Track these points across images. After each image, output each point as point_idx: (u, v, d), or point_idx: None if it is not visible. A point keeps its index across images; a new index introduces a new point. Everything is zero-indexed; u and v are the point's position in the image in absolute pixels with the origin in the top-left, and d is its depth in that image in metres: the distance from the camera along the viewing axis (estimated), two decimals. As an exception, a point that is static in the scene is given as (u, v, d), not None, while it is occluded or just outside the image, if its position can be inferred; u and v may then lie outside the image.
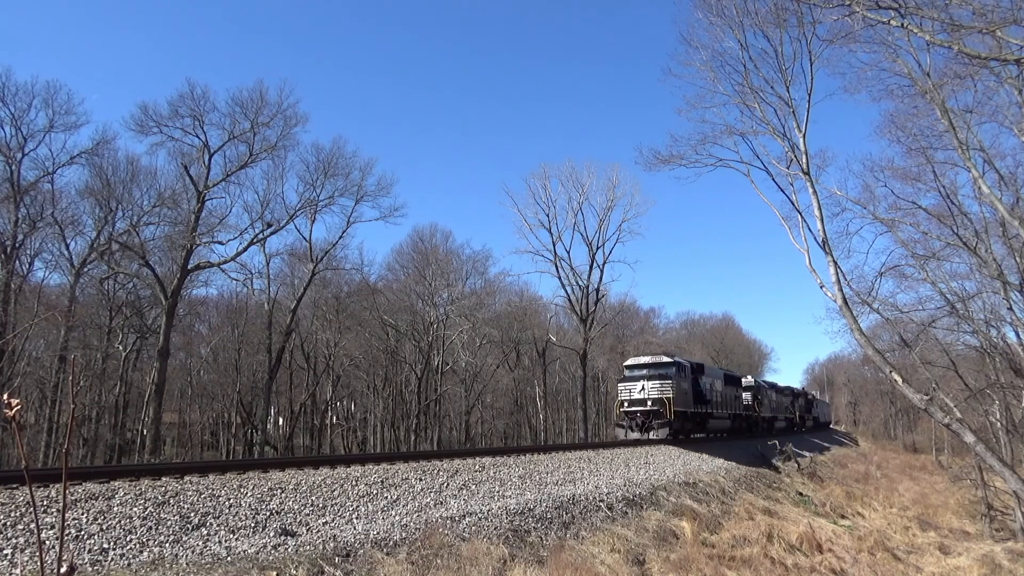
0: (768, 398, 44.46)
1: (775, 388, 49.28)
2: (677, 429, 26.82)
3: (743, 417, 37.57)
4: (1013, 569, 19.65)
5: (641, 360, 28.81)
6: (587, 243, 44.63)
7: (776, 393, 48.52)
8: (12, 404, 2.15)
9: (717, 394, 32.19)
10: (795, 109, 17.91)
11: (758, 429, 40.08)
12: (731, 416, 34.45)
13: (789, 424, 51.88)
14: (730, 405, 34.52)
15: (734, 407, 35.40)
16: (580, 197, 44.57)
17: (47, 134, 31.68)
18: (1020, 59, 11.27)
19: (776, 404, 47.31)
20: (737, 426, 36.00)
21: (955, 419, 17.19)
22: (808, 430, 58.33)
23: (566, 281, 44.24)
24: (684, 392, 27.63)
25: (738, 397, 36.87)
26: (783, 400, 50.77)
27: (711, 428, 31.45)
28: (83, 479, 9.60)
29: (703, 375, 30.80)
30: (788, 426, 51.01)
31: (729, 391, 34.62)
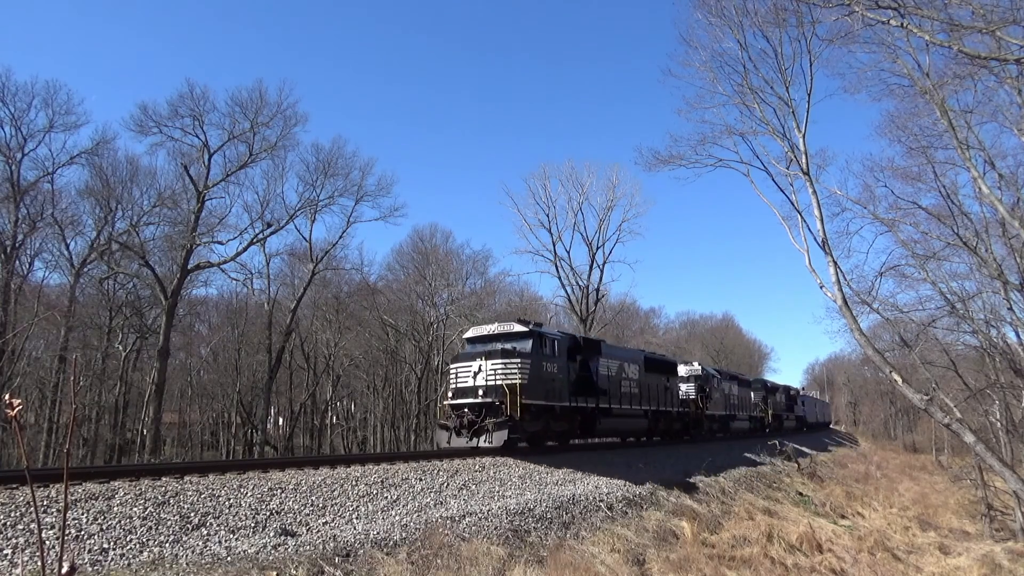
0: (722, 392, 36.34)
1: (737, 380, 41.01)
2: (534, 432, 18.86)
3: (676, 415, 29.06)
4: (1013, 569, 19.65)
5: (483, 331, 19.86)
6: (587, 243, 44.69)
7: (738, 386, 40.42)
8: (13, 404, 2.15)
9: (625, 383, 23.79)
10: (795, 109, 17.93)
11: (702, 430, 32.31)
12: (653, 413, 26.10)
13: (757, 424, 43.94)
14: (653, 398, 26.09)
15: (662, 401, 26.99)
16: (580, 197, 44.61)
17: (47, 134, 31.77)
18: (1020, 59, 11.27)
19: (738, 400, 39.55)
20: (665, 427, 27.94)
21: (955, 419, 17.19)
22: (788, 432, 48.87)
23: (566, 281, 44.29)
24: (547, 378, 18.92)
25: (669, 389, 28.18)
26: (748, 395, 42.88)
27: (608, 430, 23.26)
28: (83, 479, 9.60)
29: (597, 356, 22.23)
30: (756, 426, 43.27)
31: (652, 380, 26.24)
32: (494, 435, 16.88)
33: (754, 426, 42.74)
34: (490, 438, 17.02)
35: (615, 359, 23.65)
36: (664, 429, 27.99)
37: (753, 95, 18.31)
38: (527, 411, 17.56)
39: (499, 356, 17.80)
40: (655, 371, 27.16)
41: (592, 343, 22.97)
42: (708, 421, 33.50)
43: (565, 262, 44.37)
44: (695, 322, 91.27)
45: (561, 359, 19.95)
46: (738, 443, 33.96)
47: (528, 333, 19.02)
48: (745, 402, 41.30)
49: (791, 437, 42.83)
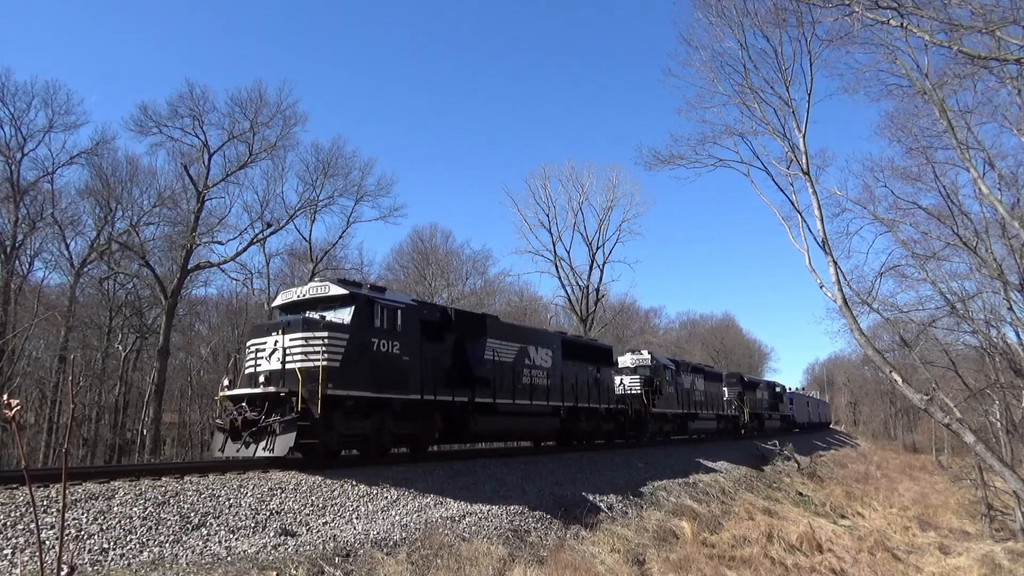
0: (679, 386, 30.29)
1: (704, 373, 34.98)
2: (353, 436, 13.69)
3: (608, 413, 23.52)
4: (1013, 569, 19.66)
5: (294, 295, 14.66)
6: (587, 243, 44.70)
7: (705, 380, 34.36)
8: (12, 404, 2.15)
9: (529, 373, 18.72)
10: (795, 109, 17.94)
11: (645, 431, 26.76)
12: (571, 411, 20.85)
13: (729, 424, 38.44)
14: (572, 393, 20.71)
15: (587, 396, 21.72)
16: (580, 197, 44.62)
17: (47, 134, 31.71)
18: (1020, 59, 11.28)
19: (704, 396, 33.57)
20: (591, 428, 22.62)
21: (955, 419, 17.20)
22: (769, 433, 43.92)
23: (566, 281, 44.28)
24: (381, 360, 13.73)
25: (601, 381, 23.04)
26: (717, 390, 36.78)
27: (490, 432, 18.11)
28: (83, 479, 9.60)
29: (481, 336, 17.31)
30: (726, 427, 37.80)
31: (573, 370, 21.07)
32: (277, 440, 11.86)
33: (724, 427, 37.25)
34: (270, 444, 11.94)
35: (512, 341, 18.31)
36: (590, 431, 22.65)
37: (753, 95, 18.32)
38: (337, 405, 12.65)
39: (300, 329, 12.80)
40: (578, 359, 21.64)
41: (471, 319, 17.66)
42: (658, 421, 27.90)
43: (565, 262, 44.40)
44: (695, 322, 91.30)
45: (409, 336, 14.49)
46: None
47: (349, 297, 13.73)
48: (713, 399, 35.11)
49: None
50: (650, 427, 27.14)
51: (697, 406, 32.56)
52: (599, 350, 24.34)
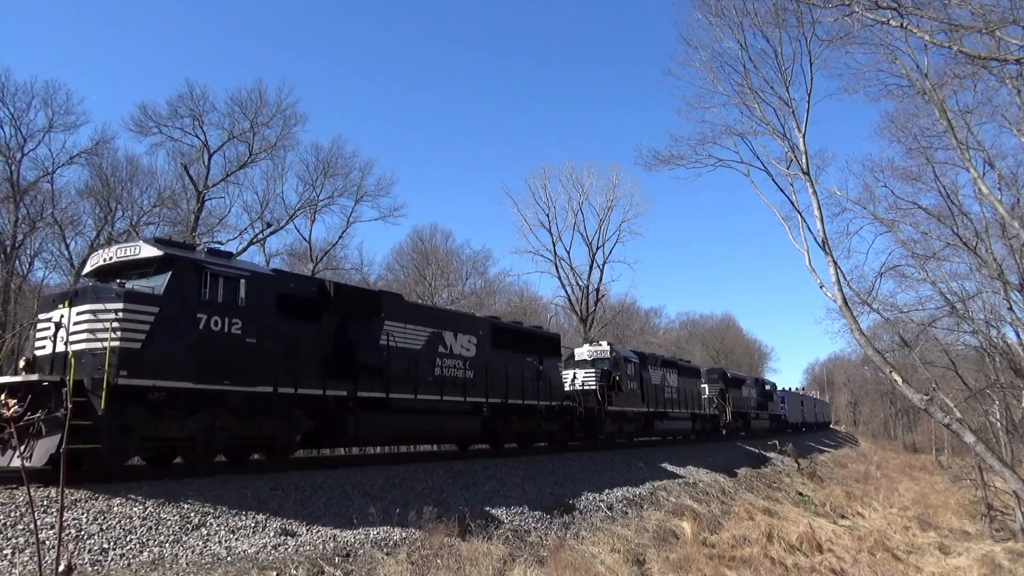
0: (645, 381, 26.40)
1: (678, 367, 31.12)
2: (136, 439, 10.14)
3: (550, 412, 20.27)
4: (1013, 569, 19.66)
5: (100, 259, 11.69)
6: (587, 243, 44.74)
7: (679, 376, 30.57)
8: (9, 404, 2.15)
9: (443, 364, 15.85)
10: (795, 109, 17.96)
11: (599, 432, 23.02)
12: (500, 408, 17.84)
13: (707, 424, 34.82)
14: (501, 387, 17.74)
15: (523, 392, 18.61)
16: (580, 197, 44.64)
17: (47, 134, 31.70)
18: (1020, 59, 11.28)
19: (678, 393, 29.84)
20: (528, 428, 19.46)
21: (955, 419, 17.21)
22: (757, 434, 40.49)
23: (566, 281, 44.31)
24: (209, 341, 10.88)
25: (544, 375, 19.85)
26: (694, 387, 32.87)
27: (373, 433, 14.72)
28: (83, 479, 9.58)
29: (374, 317, 14.35)
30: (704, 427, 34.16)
31: (505, 362, 18.08)
32: (37, 444, 8.59)
33: (702, 427, 33.66)
34: (30, 449, 8.60)
35: (420, 325, 15.48)
36: (525, 431, 19.43)
37: (753, 95, 18.34)
38: (136, 399, 9.85)
39: (89, 299, 9.99)
40: (514, 349, 18.77)
41: (359, 296, 14.81)
42: (616, 421, 24.09)
43: (565, 262, 44.45)
44: (695, 322, 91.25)
45: (258, 313, 11.59)
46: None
47: (165, 260, 10.70)
48: (689, 396, 31.46)
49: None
50: (606, 427, 23.27)
51: (668, 404, 28.67)
52: (542, 340, 21.24)
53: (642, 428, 26.90)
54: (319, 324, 12.86)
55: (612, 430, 24.18)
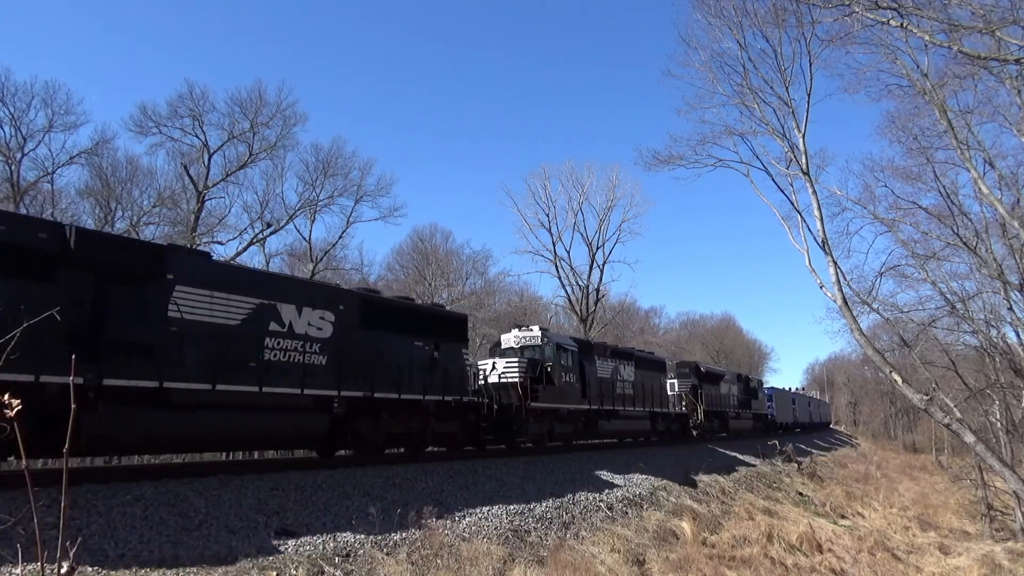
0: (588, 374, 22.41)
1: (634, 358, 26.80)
2: None
3: (445, 408, 16.39)
4: (1013, 569, 19.66)
5: None
6: (587, 243, 44.79)
7: (636, 368, 26.41)
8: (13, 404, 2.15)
9: (276, 345, 12.53)
10: (794, 109, 17.95)
11: (524, 436, 19.05)
12: (359, 403, 14.08)
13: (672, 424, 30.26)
14: (364, 377, 14.06)
15: (411, 384, 15.17)
16: (580, 197, 44.68)
17: (47, 134, 31.73)
18: (1020, 59, 11.28)
19: (633, 388, 25.67)
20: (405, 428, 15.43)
21: (955, 419, 17.21)
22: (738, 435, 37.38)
23: (566, 281, 44.34)
24: None
25: (441, 363, 16.47)
26: (655, 382, 28.32)
27: (135, 435, 10.69)
28: (83, 479, 9.59)
29: (150, 281, 10.76)
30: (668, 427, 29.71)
31: (379, 344, 14.69)
32: None
33: (667, 427, 29.45)
34: None
35: (241, 295, 12.03)
36: (403, 433, 15.29)
37: (753, 95, 18.34)
38: None
39: None
40: (393, 330, 15.15)
41: (131, 250, 11.41)
42: (543, 420, 19.80)
43: (565, 262, 44.49)
44: (695, 322, 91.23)
45: None
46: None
47: None
48: (649, 392, 27.06)
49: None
50: (530, 428, 19.02)
51: (621, 401, 24.45)
52: (439, 320, 17.08)
53: (583, 429, 22.43)
54: (51, 285, 9.44)
55: (539, 431, 19.79)
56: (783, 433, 47.70)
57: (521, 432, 18.92)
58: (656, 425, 28.22)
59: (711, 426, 34.41)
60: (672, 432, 30.11)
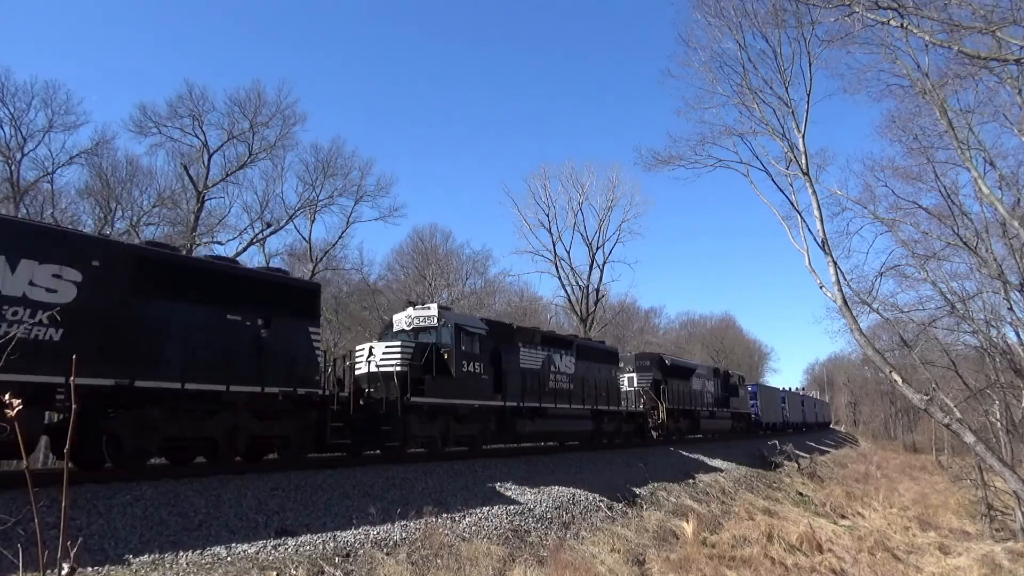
0: (506, 363, 18.44)
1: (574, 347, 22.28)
2: None
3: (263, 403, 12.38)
4: (1013, 569, 19.65)
5: None
6: (587, 243, 44.73)
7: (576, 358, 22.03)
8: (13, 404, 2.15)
9: None
10: (794, 109, 17.97)
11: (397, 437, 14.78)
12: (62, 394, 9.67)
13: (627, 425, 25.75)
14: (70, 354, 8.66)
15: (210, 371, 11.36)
16: (580, 197, 44.61)
17: (46, 134, 31.69)
18: (1020, 59, 11.28)
19: (566, 381, 21.10)
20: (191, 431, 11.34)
21: (955, 419, 17.21)
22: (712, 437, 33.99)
23: (566, 281, 44.27)
24: None
25: (269, 343, 12.50)
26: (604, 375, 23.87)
27: None
28: (84, 479, 9.59)
29: None
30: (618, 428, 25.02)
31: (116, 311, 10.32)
32: None
33: (616, 428, 24.78)
34: None
35: None
36: (201, 437, 11.61)
37: (752, 95, 18.35)
38: None
39: None
40: (192, 297, 11.48)
41: None
42: (431, 419, 15.83)
43: (565, 262, 44.43)
44: (695, 322, 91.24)
45: None
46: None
47: None
48: (595, 387, 22.53)
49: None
50: (412, 429, 14.98)
51: (553, 396, 20.05)
52: (272, 288, 13.23)
53: (496, 431, 18.07)
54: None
55: (427, 433, 15.62)
56: (769, 434, 43.41)
57: (397, 434, 14.50)
58: (602, 425, 23.46)
59: (677, 427, 30.16)
60: (624, 433, 25.73)
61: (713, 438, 34.14)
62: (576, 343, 22.93)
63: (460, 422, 16.78)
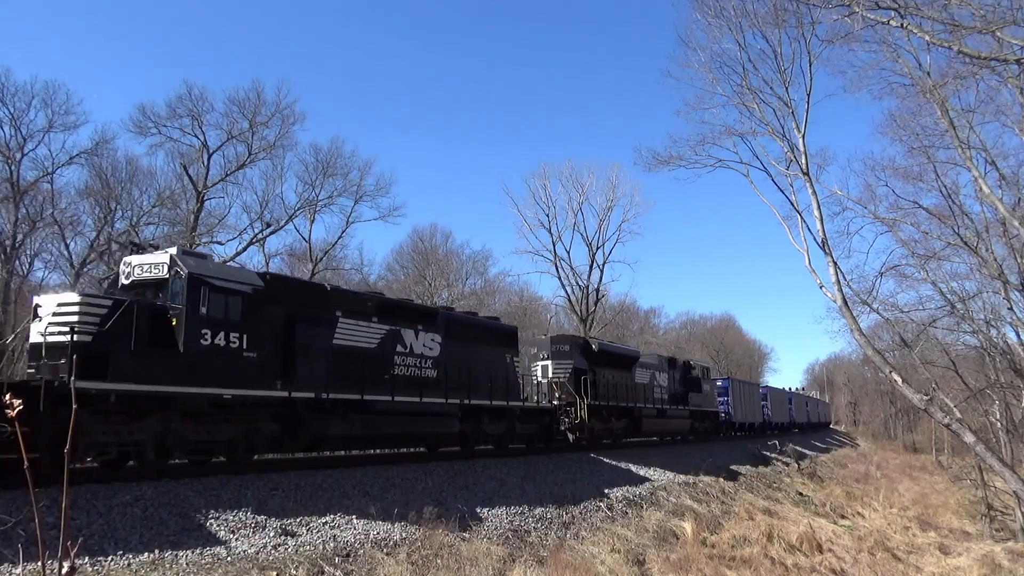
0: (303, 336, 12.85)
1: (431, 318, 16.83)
2: None
3: None
4: (1013, 569, 19.65)
5: None
6: (587, 243, 44.70)
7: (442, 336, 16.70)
8: (14, 404, 2.15)
9: None
10: (794, 110, 17.95)
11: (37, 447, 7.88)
12: None
13: (534, 426, 20.24)
14: None
15: None
16: (580, 197, 44.57)
17: (46, 134, 31.62)
18: (1020, 59, 11.28)
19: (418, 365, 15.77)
20: None
21: (955, 419, 17.21)
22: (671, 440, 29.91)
23: (566, 281, 44.23)
24: None
25: None
26: (484, 357, 17.92)
27: None
28: (84, 479, 9.58)
29: None
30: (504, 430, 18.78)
31: None
32: None
33: (505, 430, 18.70)
34: None
35: None
36: None
37: (752, 96, 18.34)
38: None
39: None
40: None
41: None
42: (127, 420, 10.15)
43: (565, 262, 44.40)
44: (695, 322, 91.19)
45: None
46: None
47: None
48: (467, 375, 16.98)
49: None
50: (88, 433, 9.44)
51: (391, 387, 14.65)
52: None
53: (280, 433, 12.52)
54: None
55: (118, 439, 10.16)
56: (744, 436, 38.86)
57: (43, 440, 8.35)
58: (480, 424, 17.62)
59: (608, 428, 23.83)
60: (521, 436, 19.65)
61: (668, 441, 29.49)
62: (442, 316, 17.38)
63: (198, 421, 11.23)
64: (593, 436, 22.76)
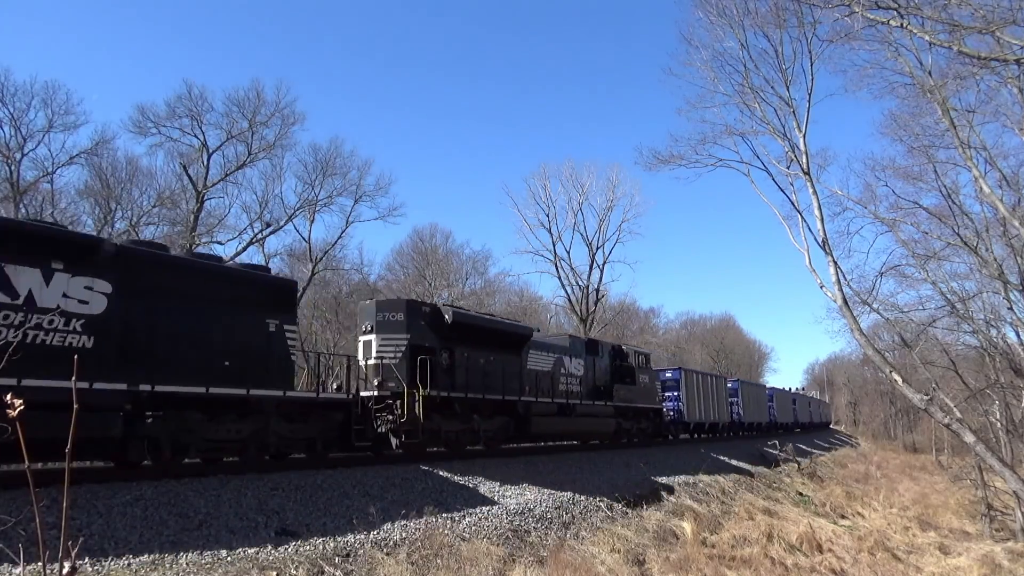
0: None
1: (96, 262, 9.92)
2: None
3: None
4: (1013, 569, 19.64)
5: None
6: (587, 243, 44.71)
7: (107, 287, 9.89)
8: (15, 404, 2.15)
9: None
10: (795, 109, 17.95)
11: None
12: None
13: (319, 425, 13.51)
14: None
15: None
16: (580, 197, 44.59)
17: (46, 134, 31.66)
18: (1020, 59, 11.27)
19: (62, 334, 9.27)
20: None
21: (955, 419, 17.20)
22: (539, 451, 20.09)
23: (566, 281, 44.25)
24: None
25: None
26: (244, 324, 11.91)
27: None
28: (84, 479, 9.58)
29: None
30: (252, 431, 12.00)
31: None
32: None
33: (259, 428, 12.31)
34: None
35: None
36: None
37: (753, 95, 18.34)
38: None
39: None
40: None
41: None
42: None
43: (565, 262, 44.41)
44: (695, 322, 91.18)
45: None
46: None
47: None
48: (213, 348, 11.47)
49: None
50: None
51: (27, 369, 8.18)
52: None
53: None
54: None
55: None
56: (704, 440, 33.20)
57: None
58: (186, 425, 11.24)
59: (469, 428, 17.20)
60: (321, 440, 13.87)
61: (578, 447, 22.97)
62: (116, 252, 10.72)
63: None
64: (439, 440, 16.31)
